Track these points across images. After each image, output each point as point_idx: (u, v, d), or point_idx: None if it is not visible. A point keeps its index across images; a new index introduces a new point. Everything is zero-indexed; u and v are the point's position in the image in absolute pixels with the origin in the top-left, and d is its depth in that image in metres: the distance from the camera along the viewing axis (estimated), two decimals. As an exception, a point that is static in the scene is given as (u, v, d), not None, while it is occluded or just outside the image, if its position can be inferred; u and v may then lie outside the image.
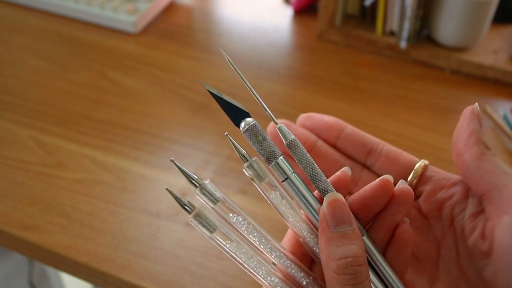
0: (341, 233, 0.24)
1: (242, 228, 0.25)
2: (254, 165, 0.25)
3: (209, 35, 0.80)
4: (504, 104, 0.67)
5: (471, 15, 0.68)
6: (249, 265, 0.25)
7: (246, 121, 0.26)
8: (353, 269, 0.23)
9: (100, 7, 0.79)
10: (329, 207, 0.25)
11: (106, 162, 0.57)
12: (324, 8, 0.75)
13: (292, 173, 0.25)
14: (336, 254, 0.24)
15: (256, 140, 0.25)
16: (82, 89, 0.67)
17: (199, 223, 0.24)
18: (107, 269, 0.46)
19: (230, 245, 0.25)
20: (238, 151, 0.25)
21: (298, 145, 0.26)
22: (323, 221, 0.25)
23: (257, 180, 0.25)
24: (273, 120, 0.27)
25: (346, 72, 0.72)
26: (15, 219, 0.50)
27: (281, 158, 0.25)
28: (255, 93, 0.27)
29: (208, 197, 0.25)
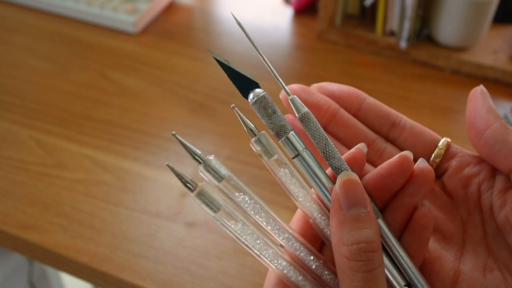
0: (355, 216, 0.22)
1: (248, 208, 0.24)
2: (263, 139, 0.23)
3: (209, 35, 0.80)
4: (504, 104, 0.67)
5: (471, 15, 0.68)
6: (255, 247, 0.24)
7: (255, 92, 0.24)
8: (366, 255, 0.22)
9: (100, 7, 0.79)
10: (342, 187, 0.23)
11: (106, 162, 0.57)
12: (324, 8, 0.75)
13: (303, 149, 0.24)
14: (349, 238, 0.22)
15: (266, 113, 0.23)
16: (82, 89, 0.67)
17: (202, 202, 0.22)
18: (107, 269, 0.46)
19: (235, 225, 0.23)
20: (246, 125, 0.23)
21: (311, 118, 0.24)
22: (335, 202, 0.23)
23: (265, 156, 0.23)
24: (285, 90, 0.25)
25: (346, 72, 0.72)
26: (15, 219, 0.50)
27: (292, 133, 0.24)
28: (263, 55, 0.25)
29: (213, 175, 0.23)
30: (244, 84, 0.24)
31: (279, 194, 0.52)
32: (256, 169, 0.56)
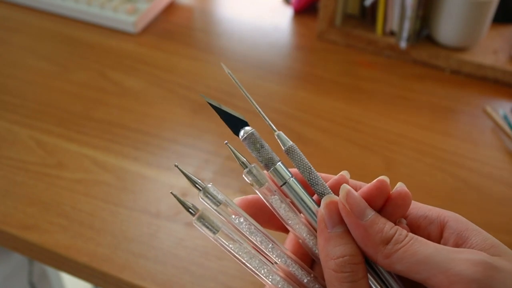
0: (339, 233, 0.25)
1: (244, 229, 0.26)
2: (254, 171, 0.26)
3: (209, 35, 0.80)
4: (504, 104, 0.67)
5: (471, 15, 0.68)
6: (252, 264, 0.26)
7: (245, 130, 0.27)
8: (350, 267, 0.24)
9: (100, 7, 0.79)
10: (326, 208, 0.26)
11: (106, 162, 0.57)
12: (324, 8, 0.75)
13: (290, 178, 0.27)
14: (334, 253, 0.25)
15: (255, 148, 0.27)
16: (82, 89, 0.67)
17: (202, 225, 0.25)
18: (107, 269, 0.46)
19: (233, 245, 0.26)
20: (238, 159, 0.27)
21: (296, 151, 0.27)
22: (321, 222, 0.26)
23: (257, 185, 0.26)
24: (272, 128, 0.28)
25: (346, 72, 0.72)
26: (15, 219, 0.50)
27: (279, 164, 0.27)
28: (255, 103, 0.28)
29: (211, 200, 0.26)
30: (235, 123, 0.27)
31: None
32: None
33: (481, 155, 0.60)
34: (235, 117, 0.27)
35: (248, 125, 0.27)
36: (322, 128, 0.62)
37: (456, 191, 0.55)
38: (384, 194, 0.26)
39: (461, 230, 0.25)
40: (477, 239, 0.25)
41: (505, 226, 0.52)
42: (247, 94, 0.28)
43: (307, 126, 0.62)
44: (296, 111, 0.65)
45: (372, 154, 0.59)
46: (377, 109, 0.66)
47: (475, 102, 0.68)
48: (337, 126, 0.63)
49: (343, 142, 0.61)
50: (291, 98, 0.67)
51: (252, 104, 0.28)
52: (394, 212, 0.26)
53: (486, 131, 0.63)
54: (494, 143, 0.62)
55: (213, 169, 0.56)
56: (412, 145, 0.61)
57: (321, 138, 0.61)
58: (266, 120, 0.28)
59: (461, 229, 0.25)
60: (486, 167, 0.58)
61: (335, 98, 0.67)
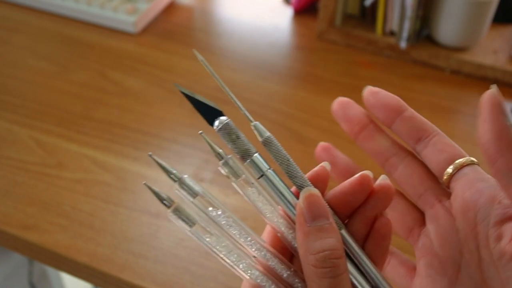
0: (318, 227, 0.25)
1: (222, 222, 0.25)
2: (230, 162, 0.25)
3: (209, 35, 0.80)
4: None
5: (471, 15, 0.68)
6: (230, 259, 0.25)
7: (220, 120, 0.26)
8: (331, 262, 0.24)
9: (100, 7, 0.79)
10: (305, 201, 0.25)
11: (106, 162, 0.57)
12: (324, 8, 0.75)
13: (267, 169, 0.26)
14: (314, 247, 0.24)
15: (230, 139, 0.25)
16: (82, 89, 0.67)
17: (178, 218, 0.24)
18: (107, 269, 0.46)
19: (210, 238, 0.25)
20: (214, 149, 0.26)
21: (273, 142, 0.26)
22: (300, 216, 0.25)
23: (233, 177, 0.26)
24: (248, 118, 0.27)
25: (346, 72, 0.72)
26: (15, 219, 0.50)
27: (256, 155, 0.26)
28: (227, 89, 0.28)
29: (187, 191, 0.25)
30: (210, 113, 0.26)
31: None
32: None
33: (481, 155, 0.60)
34: (209, 107, 0.26)
35: (223, 114, 0.26)
36: (322, 128, 0.62)
37: (456, 191, 0.55)
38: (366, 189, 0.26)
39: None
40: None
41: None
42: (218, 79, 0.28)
43: (307, 126, 0.62)
44: (296, 111, 0.65)
45: (372, 154, 0.59)
46: (377, 109, 0.66)
47: (475, 102, 0.67)
48: (337, 126, 0.63)
49: (343, 142, 0.61)
50: (291, 98, 0.67)
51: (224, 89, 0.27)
52: (376, 206, 0.26)
53: (486, 131, 0.63)
54: (494, 143, 0.62)
55: (213, 169, 0.56)
56: (412, 145, 0.61)
57: (321, 138, 0.61)
58: (241, 109, 0.27)
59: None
60: (486, 167, 0.58)
61: (335, 98, 0.67)
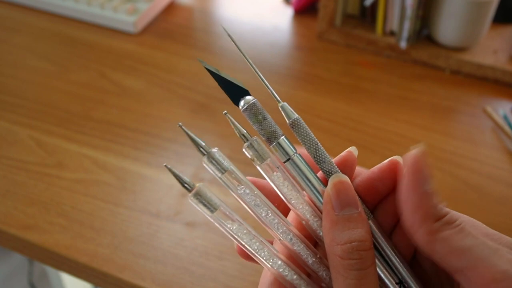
0: (347, 216, 0.23)
1: (249, 201, 0.24)
2: (255, 144, 0.24)
3: (209, 35, 0.80)
4: (504, 104, 0.67)
5: (471, 15, 0.68)
6: (251, 247, 0.24)
7: (246, 100, 0.24)
8: (358, 254, 0.23)
9: (100, 7, 0.79)
10: (334, 189, 0.24)
11: (106, 162, 0.57)
12: (324, 8, 0.75)
13: (294, 154, 0.24)
14: (342, 238, 0.23)
15: (256, 120, 0.24)
16: (82, 89, 0.67)
17: (199, 202, 0.23)
18: (107, 269, 0.46)
19: (232, 225, 0.24)
20: (238, 130, 0.24)
21: (301, 124, 0.25)
22: (327, 204, 0.24)
23: (258, 160, 0.24)
24: (276, 98, 0.25)
25: (346, 72, 0.72)
26: (15, 219, 0.50)
27: (282, 138, 0.24)
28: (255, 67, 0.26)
29: (216, 166, 0.24)
30: (234, 92, 0.25)
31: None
32: (257, 169, 0.56)
33: (481, 155, 0.60)
34: (235, 85, 0.25)
35: (250, 94, 0.24)
36: (322, 128, 0.62)
37: (456, 191, 0.55)
38: (396, 175, 0.25)
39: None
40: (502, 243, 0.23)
41: (505, 226, 0.52)
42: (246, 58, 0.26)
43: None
44: (296, 111, 0.64)
45: (372, 154, 0.59)
46: (377, 109, 0.66)
47: (475, 102, 0.68)
48: (337, 126, 0.63)
49: (343, 142, 0.61)
50: (291, 98, 0.67)
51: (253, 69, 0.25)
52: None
53: (486, 131, 0.63)
54: (494, 143, 0.62)
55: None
56: (412, 145, 0.61)
57: (321, 138, 0.61)
58: (269, 89, 0.25)
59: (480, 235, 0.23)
60: (486, 167, 0.58)
61: (335, 98, 0.67)
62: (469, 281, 0.22)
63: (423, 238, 0.23)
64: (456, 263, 0.22)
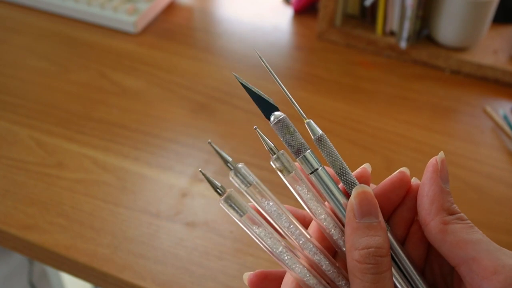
0: (367, 224, 0.25)
1: (272, 213, 0.26)
2: (282, 158, 0.26)
3: (209, 35, 0.80)
4: (504, 104, 0.67)
5: (471, 15, 0.68)
6: (275, 251, 0.26)
7: (275, 115, 0.27)
8: (375, 259, 0.24)
9: (100, 7, 0.79)
10: (357, 198, 0.26)
11: (106, 162, 0.57)
12: (324, 8, 0.75)
13: (319, 166, 0.26)
14: (360, 243, 0.24)
15: (288, 131, 0.26)
16: (82, 89, 0.67)
17: (229, 206, 0.25)
18: (107, 269, 0.46)
19: (258, 229, 0.25)
20: (267, 144, 0.26)
21: (327, 141, 0.27)
22: (350, 211, 0.26)
23: (285, 172, 0.26)
24: (302, 115, 0.27)
25: (346, 72, 0.72)
26: (15, 219, 0.50)
27: (309, 152, 0.26)
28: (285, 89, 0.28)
29: (242, 180, 0.25)
30: (265, 106, 0.27)
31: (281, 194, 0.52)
32: (257, 169, 0.56)
33: (481, 155, 0.60)
34: (266, 101, 0.27)
35: (279, 110, 0.27)
36: (322, 128, 0.62)
37: (456, 191, 0.55)
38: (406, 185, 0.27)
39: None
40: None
41: (505, 226, 0.52)
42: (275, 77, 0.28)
43: (307, 126, 0.62)
44: (296, 111, 0.65)
45: (372, 154, 0.59)
46: (377, 109, 0.66)
47: (475, 102, 0.68)
48: (337, 126, 0.63)
49: (343, 142, 0.61)
50: (291, 98, 0.67)
51: (283, 90, 0.28)
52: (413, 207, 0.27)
53: (486, 131, 0.63)
54: (494, 143, 0.62)
55: (213, 169, 0.56)
56: (412, 145, 0.61)
57: (321, 138, 0.61)
58: (296, 107, 0.27)
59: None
60: (486, 167, 0.58)
61: (335, 98, 0.67)
62: (472, 272, 0.23)
63: (437, 226, 0.25)
64: (462, 253, 0.24)
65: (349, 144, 0.61)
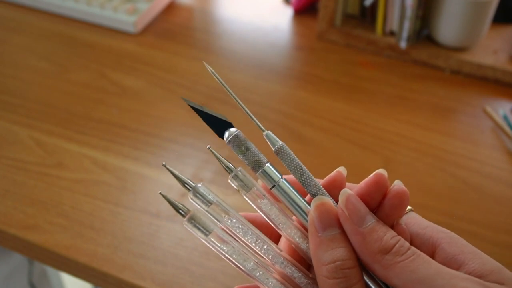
0: (330, 237, 0.24)
1: (237, 230, 0.25)
2: (239, 175, 0.25)
3: (209, 35, 0.80)
4: (504, 104, 0.67)
5: (471, 15, 0.68)
6: (246, 267, 0.25)
7: (230, 132, 0.26)
8: (342, 273, 0.23)
9: (100, 7, 0.79)
10: (316, 211, 0.25)
11: (106, 162, 0.57)
12: (324, 8, 0.75)
13: (280, 179, 0.26)
14: (326, 258, 0.24)
15: (240, 151, 0.25)
16: (82, 89, 0.67)
17: (193, 226, 0.24)
18: (107, 269, 0.46)
19: (226, 247, 0.25)
20: (222, 163, 0.25)
21: (286, 151, 0.26)
22: (311, 226, 0.25)
23: (244, 190, 0.25)
24: (260, 128, 0.27)
25: (346, 72, 0.72)
26: (15, 219, 0.50)
27: (267, 165, 0.26)
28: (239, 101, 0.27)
29: (201, 200, 0.25)
30: (219, 126, 0.26)
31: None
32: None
33: (481, 155, 0.60)
34: (219, 119, 0.26)
35: (233, 126, 0.26)
36: (322, 128, 0.62)
37: (456, 191, 0.55)
38: (383, 188, 0.25)
39: (455, 254, 0.24)
40: (474, 263, 0.23)
41: (505, 226, 0.52)
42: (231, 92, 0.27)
43: (307, 126, 0.62)
44: (296, 111, 0.65)
45: (372, 154, 0.59)
46: (377, 109, 0.66)
47: (475, 102, 0.68)
48: (337, 126, 0.63)
49: (343, 142, 0.61)
50: (291, 98, 0.67)
51: (237, 102, 0.27)
52: (391, 213, 0.25)
53: (486, 131, 0.63)
54: (494, 143, 0.62)
55: (213, 169, 0.56)
56: (412, 145, 0.61)
57: (321, 138, 0.61)
58: (253, 119, 0.26)
59: (455, 252, 0.24)
60: (486, 167, 0.58)
61: (335, 98, 0.67)
62: None
63: (380, 274, 0.23)
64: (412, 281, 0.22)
65: (349, 144, 0.61)
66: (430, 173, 0.57)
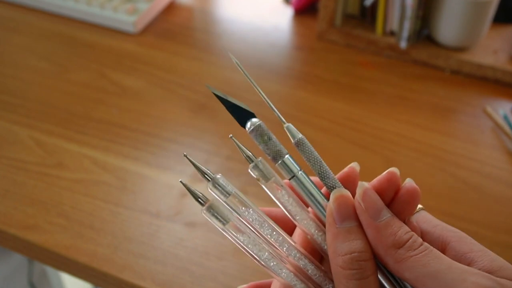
0: (347, 229, 0.25)
1: (254, 222, 0.26)
2: (260, 165, 0.26)
3: (209, 35, 0.80)
4: (504, 104, 0.67)
5: (471, 15, 0.68)
6: (261, 258, 0.26)
7: (252, 122, 0.26)
8: (358, 264, 0.24)
9: (100, 7, 0.79)
10: (335, 202, 0.25)
11: (106, 162, 0.57)
12: (324, 8, 0.75)
13: (298, 171, 0.26)
14: (342, 249, 0.24)
15: (262, 140, 0.26)
16: (82, 89, 0.67)
17: (212, 215, 0.25)
18: (107, 269, 0.46)
19: (242, 237, 0.25)
20: (243, 152, 0.26)
21: (306, 143, 0.26)
22: (329, 217, 0.25)
23: (263, 180, 0.26)
24: (281, 120, 0.27)
25: (346, 72, 0.72)
26: (15, 219, 0.50)
27: (287, 157, 0.26)
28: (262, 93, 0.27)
29: (220, 191, 0.25)
30: (241, 115, 0.27)
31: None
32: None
33: (481, 155, 0.60)
34: (241, 109, 0.26)
35: (255, 116, 0.26)
36: (322, 128, 0.62)
37: (456, 191, 0.55)
38: (395, 186, 0.26)
39: (465, 252, 0.25)
40: (483, 261, 0.24)
41: (505, 226, 0.52)
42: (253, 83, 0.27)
43: (307, 126, 0.62)
44: (296, 111, 0.65)
45: (372, 154, 0.59)
46: (377, 109, 0.66)
47: (475, 102, 0.68)
48: (337, 126, 0.63)
49: (343, 142, 0.61)
50: (291, 98, 0.67)
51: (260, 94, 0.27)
52: (402, 210, 0.26)
53: (486, 131, 0.63)
54: (494, 143, 0.62)
55: (213, 169, 0.56)
56: (412, 145, 0.61)
57: (321, 138, 0.61)
58: (274, 111, 0.27)
59: (465, 250, 0.25)
60: (486, 167, 0.58)
61: (335, 98, 0.67)
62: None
63: (392, 268, 0.24)
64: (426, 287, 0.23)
65: (349, 144, 0.61)
66: (430, 173, 0.57)
